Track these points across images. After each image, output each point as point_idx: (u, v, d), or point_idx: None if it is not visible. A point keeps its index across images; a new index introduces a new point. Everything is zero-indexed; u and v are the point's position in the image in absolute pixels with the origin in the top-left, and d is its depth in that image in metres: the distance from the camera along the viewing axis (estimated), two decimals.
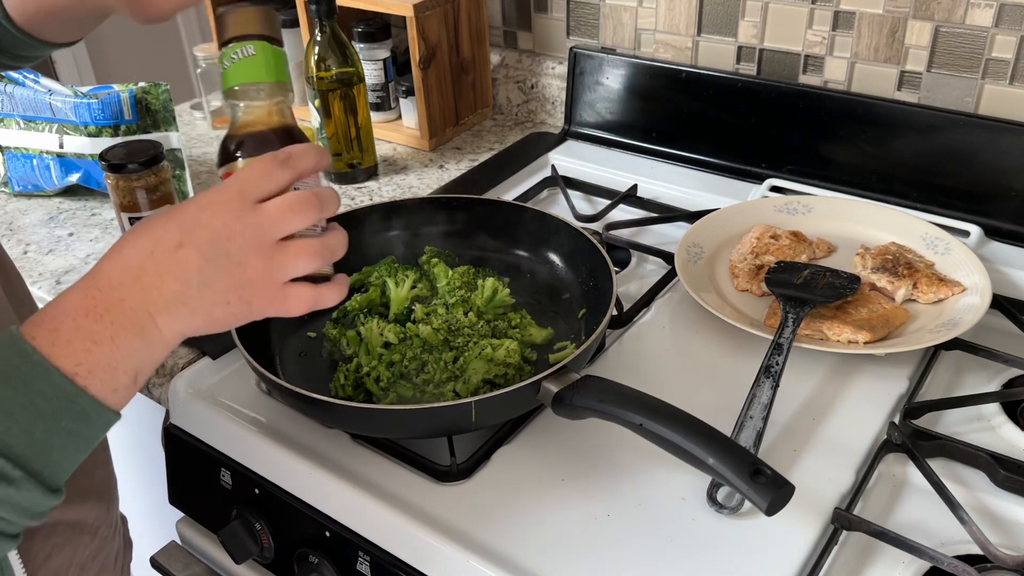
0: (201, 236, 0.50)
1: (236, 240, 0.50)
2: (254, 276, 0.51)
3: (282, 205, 0.52)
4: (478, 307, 0.83)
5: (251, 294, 0.52)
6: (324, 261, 0.54)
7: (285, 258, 0.52)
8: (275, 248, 0.52)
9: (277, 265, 0.52)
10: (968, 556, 0.62)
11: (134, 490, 1.16)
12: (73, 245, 1.10)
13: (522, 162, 1.22)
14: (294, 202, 0.52)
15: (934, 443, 0.71)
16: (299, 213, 0.52)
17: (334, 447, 0.74)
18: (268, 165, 0.53)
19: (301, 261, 0.53)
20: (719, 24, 1.16)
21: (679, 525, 0.66)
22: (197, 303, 0.50)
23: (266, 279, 0.52)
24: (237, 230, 0.51)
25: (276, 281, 0.52)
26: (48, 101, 1.13)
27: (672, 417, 0.61)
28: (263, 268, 0.51)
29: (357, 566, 0.71)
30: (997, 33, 0.98)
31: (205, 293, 0.50)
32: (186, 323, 0.51)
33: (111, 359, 0.49)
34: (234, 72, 0.60)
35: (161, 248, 0.50)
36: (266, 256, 0.51)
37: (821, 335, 0.82)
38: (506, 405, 0.70)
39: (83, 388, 0.48)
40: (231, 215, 0.51)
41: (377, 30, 1.27)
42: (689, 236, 0.96)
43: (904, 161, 1.03)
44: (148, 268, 0.50)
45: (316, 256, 0.54)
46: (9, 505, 0.46)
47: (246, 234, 0.51)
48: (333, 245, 0.55)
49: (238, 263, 0.51)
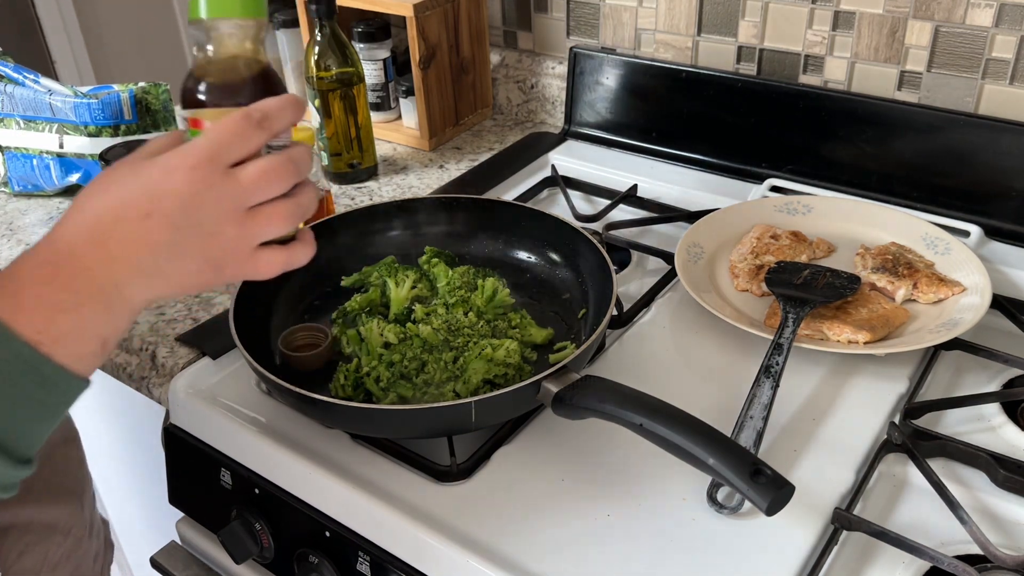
0: (170, 205, 0.48)
1: (207, 209, 0.48)
2: (225, 244, 0.50)
3: (256, 173, 0.50)
4: (478, 307, 0.83)
5: (222, 262, 0.51)
6: (297, 223, 0.53)
7: (256, 225, 0.51)
8: (247, 215, 0.50)
9: (248, 232, 0.51)
10: (968, 556, 0.62)
11: (134, 490, 1.16)
12: None
13: (522, 162, 1.22)
14: (268, 169, 0.50)
15: (934, 443, 0.71)
16: (274, 181, 0.51)
17: (334, 447, 0.74)
18: (241, 126, 0.50)
19: (273, 226, 0.52)
20: (719, 24, 1.16)
21: (679, 525, 0.66)
22: (167, 273, 0.49)
23: (237, 247, 0.51)
24: (209, 199, 0.48)
25: (247, 248, 0.51)
26: (48, 101, 1.13)
27: (672, 417, 0.61)
28: (234, 236, 0.50)
29: (357, 566, 0.71)
30: (997, 33, 0.98)
31: (174, 263, 0.49)
32: (155, 292, 0.50)
33: (76, 327, 0.47)
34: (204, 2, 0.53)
35: (128, 216, 0.48)
36: (238, 224, 0.50)
37: (821, 335, 0.82)
38: (506, 405, 0.70)
39: (47, 355, 0.46)
40: (202, 183, 0.48)
41: (377, 30, 1.27)
42: (689, 236, 0.96)
43: (904, 161, 1.03)
44: (114, 236, 0.48)
45: (289, 219, 0.52)
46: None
47: (218, 203, 0.49)
48: (305, 204, 0.54)
49: (209, 232, 0.49)
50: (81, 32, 2.76)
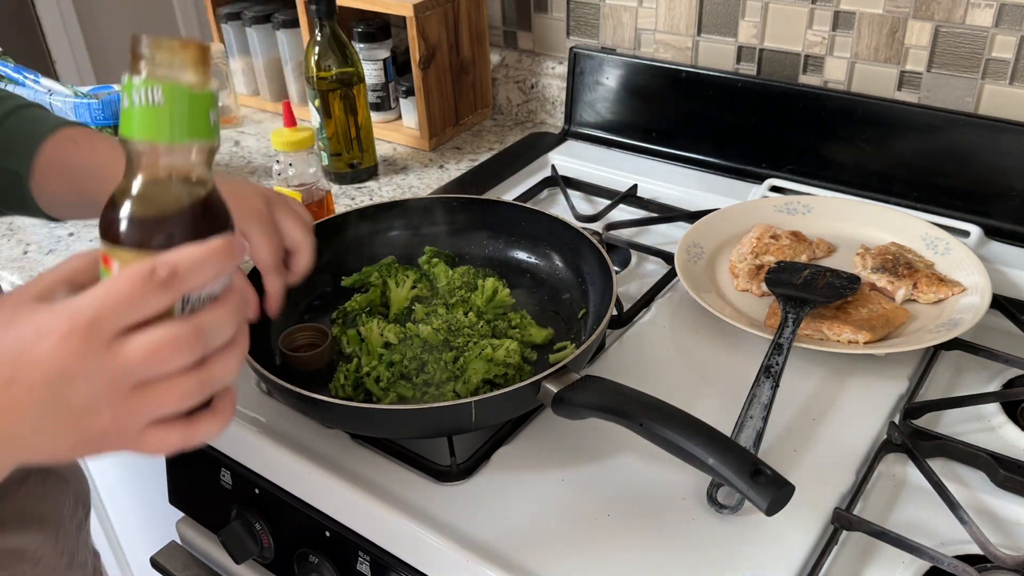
0: (34, 376, 0.40)
1: (78, 386, 0.40)
2: (102, 425, 0.42)
3: (145, 348, 0.41)
4: (478, 307, 0.83)
5: (99, 439, 0.42)
6: (196, 403, 0.44)
7: (143, 406, 0.42)
8: (131, 393, 0.41)
9: (132, 413, 0.42)
10: (968, 556, 0.62)
11: (134, 490, 1.16)
12: (73, 245, 1.10)
13: (522, 162, 1.22)
14: (162, 345, 0.41)
15: (934, 443, 0.71)
16: (167, 359, 0.41)
17: (334, 447, 0.74)
18: (138, 287, 0.41)
19: (164, 408, 0.43)
20: (719, 24, 1.16)
21: (679, 525, 0.66)
22: (31, 443, 0.42)
23: (117, 427, 0.42)
24: (80, 375, 0.40)
25: (131, 427, 0.42)
26: (48, 101, 1.13)
27: (672, 417, 0.61)
28: (113, 418, 0.41)
29: (357, 566, 0.71)
30: (997, 33, 0.98)
31: (40, 435, 0.41)
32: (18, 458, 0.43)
33: None
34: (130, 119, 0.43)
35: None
36: (118, 404, 0.41)
37: (821, 335, 0.82)
38: (506, 405, 0.70)
39: None
40: (73, 356, 0.40)
41: (377, 30, 1.27)
42: (689, 236, 0.96)
43: (904, 161, 1.03)
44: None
45: (184, 401, 0.43)
46: None
47: (92, 380, 0.40)
48: (214, 379, 0.44)
49: (81, 411, 0.41)
50: (81, 32, 2.76)
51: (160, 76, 0.42)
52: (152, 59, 0.42)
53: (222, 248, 0.43)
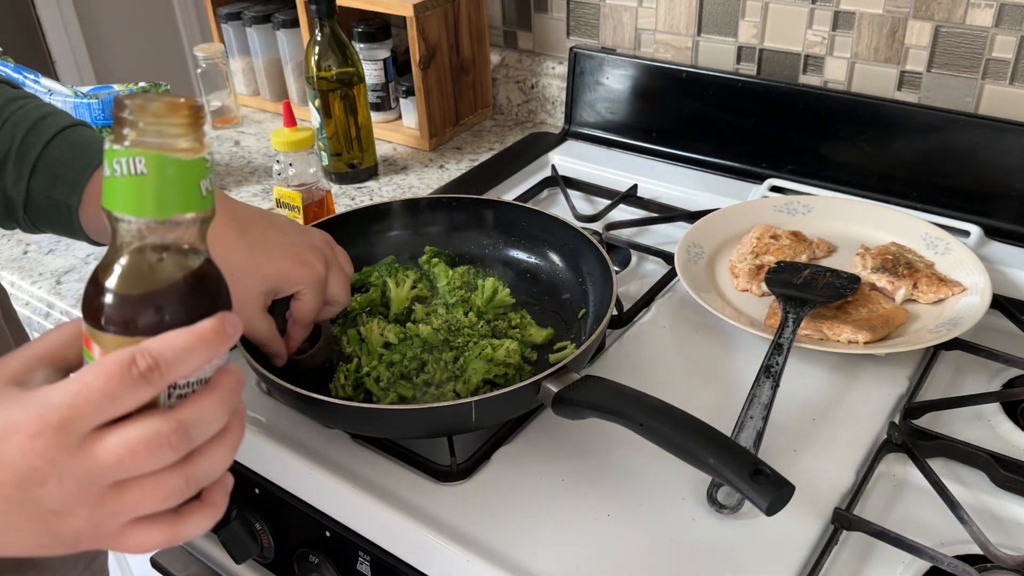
0: (3, 476, 0.37)
1: (50, 487, 0.38)
2: (77, 526, 0.39)
3: (120, 448, 0.38)
4: (478, 307, 0.83)
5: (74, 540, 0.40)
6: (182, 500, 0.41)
7: (122, 505, 0.39)
8: (108, 492, 0.39)
9: (109, 514, 0.39)
10: (968, 556, 0.62)
11: None
12: (73, 245, 1.10)
13: (522, 162, 1.22)
14: (139, 444, 0.38)
15: (934, 443, 0.71)
16: (144, 460, 0.38)
17: (334, 447, 0.74)
18: (114, 382, 0.38)
19: (144, 507, 0.40)
20: (719, 24, 1.16)
21: (679, 525, 0.66)
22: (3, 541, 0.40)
23: (95, 528, 0.39)
24: (51, 475, 0.38)
25: (111, 526, 0.40)
26: (48, 101, 1.13)
27: (672, 417, 0.61)
28: (88, 518, 0.39)
29: (357, 566, 0.71)
30: (997, 33, 0.98)
31: (12, 535, 0.39)
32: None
33: None
34: (113, 190, 0.39)
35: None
36: (94, 504, 0.39)
37: (821, 335, 0.82)
38: (506, 405, 0.70)
39: None
40: (41, 457, 0.37)
41: (377, 30, 1.27)
42: (689, 236, 0.96)
43: (904, 161, 1.03)
44: None
45: (167, 500, 0.40)
46: None
47: (64, 481, 0.38)
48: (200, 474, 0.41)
49: (54, 511, 0.38)
50: (81, 32, 2.76)
51: (145, 144, 0.38)
52: (135, 124, 0.38)
53: (212, 333, 0.39)
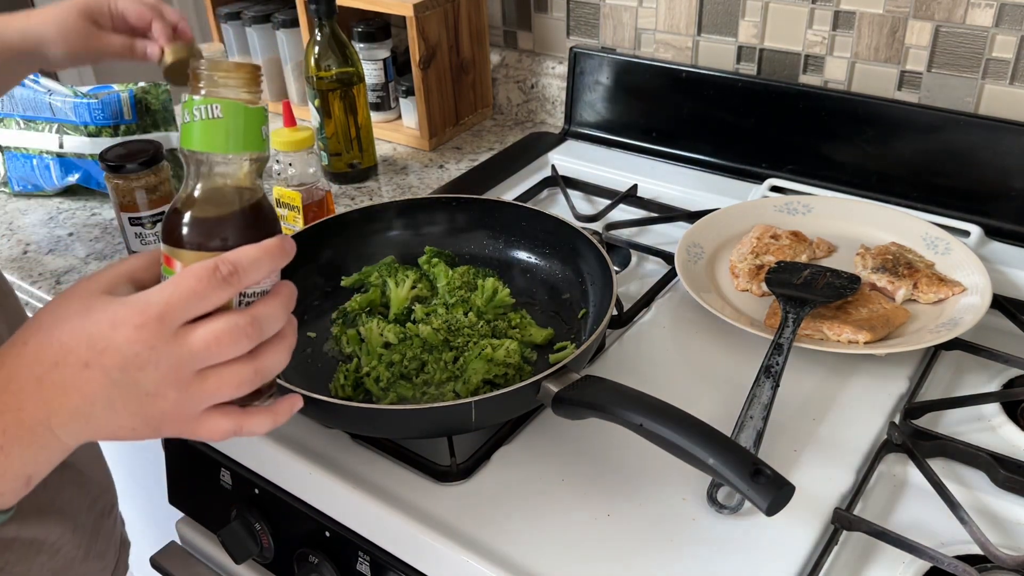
0: (110, 360, 0.45)
1: (148, 371, 0.45)
2: (165, 407, 0.46)
3: (207, 336, 0.46)
4: (478, 307, 0.83)
5: (159, 422, 0.47)
6: (251, 389, 0.49)
7: (203, 391, 0.47)
8: (193, 378, 0.46)
9: (193, 397, 0.47)
10: (968, 556, 0.62)
11: (134, 490, 1.16)
12: (73, 245, 1.10)
13: (522, 162, 1.22)
14: (222, 333, 0.46)
15: (934, 443, 0.71)
16: (227, 346, 0.46)
17: (334, 447, 0.74)
18: (203, 283, 0.45)
19: (223, 392, 0.47)
20: (719, 24, 1.16)
21: (679, 525, 0.66)
22: (100, 422, 0.46)
23: (179, 410, 0.47)
24: (151, 360, 0.45)
25: (191, 411, 0.47)
26: (48, 101, 1.13)
27: (672, 417, 0.61)
28: (176, 400, 0.46)
29: (357, 566, 0.71)
30: (997, 33, 0.98)
31: (109, 415, 0.46)
32: (87, 435, 0.47)
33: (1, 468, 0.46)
34: (191, 132, 0.48)
35: (68, 362, 0.45)
36: (181, 388, 0.46)
37: (821, 335, 0.82)
38: (506, 405, 0.70)
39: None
40: (145, 344, 0.45)
41: (377, 30, 1.27)
42: (689, 236, 0.96)
43: (904, 161, 1.03)
44: (52, 379, 0.45)
45: (241, 386, 0.48)
46: None
47: (160, 365, 0.45)
48: (266, 368, 0.48)
49: (148, 393, 0.46)
50: None
51: (218, 94, 0.48)
52: (210, 79, 0.48)
53: (276, 248, 0.48)
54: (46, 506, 0.72)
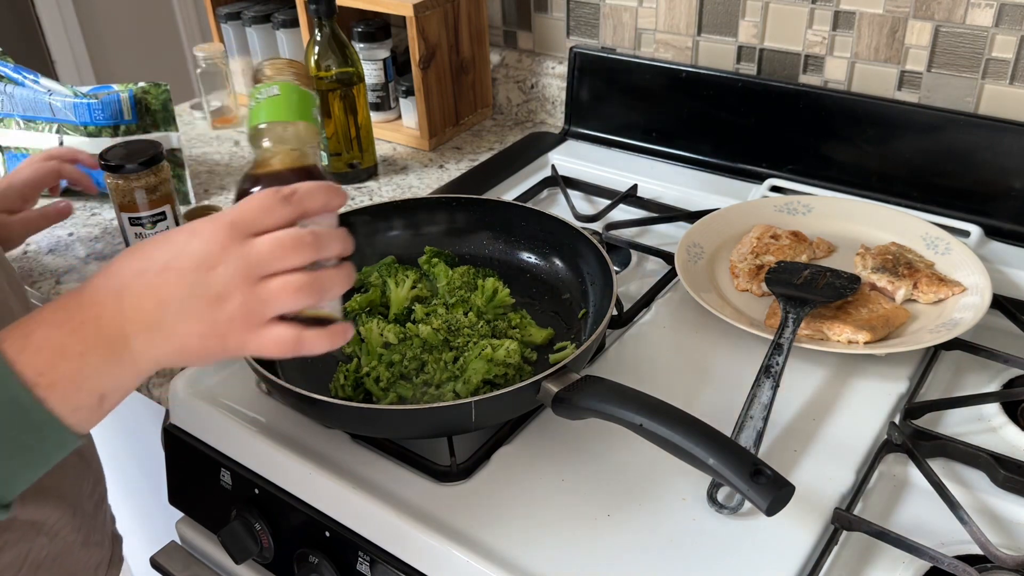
0: (185, 262, 0.49)
1: (219, 270, 0.49)
2: (232, 310, 0.49)
3: (272, 240, 0.50)
4: (478, 307, 0.83)
5: (226, 328, 0.50)
6: (311, 299, 0.51)
7: (267, 293, 0.50)
8: (258, 283, 0.49)
9: (258, 300, 0.50)
10: (968, 556, 0.62)
11: (134, 490, 1.16)
12: (73, 245, 1.10)
13: (522, 162, 1.22)
14: (286, 239, 0.50)
15: (934, 443, 0.71)
16: (291, 251, 0.50)
17: (334, 447, 0.74)
18: (268, 200, 0.51)
19: (285, 297, 0.50)
20: (719, 24, 1.16)
21: (679, 525, 0.66)
22: (172, 329, 0.49)
23: (244, 314, 0.49)
24: (222, 260, 0.49)
25: (255, 318, 0.50)
26: (48, 101, 1.13)
27: (672, 417, 0.61)
28: (242, 302, 0.49)
29: (357, 566, 0.71)
30: (997, 33, 0.98)
31: (181, 321, 0.49)
32: (159, 349, 0.50)
33: (77, 375, 0.47)
34: (257, 111, 0.62)
35: (148, 269, 0.49)
36: (247, 290, 0.49)
37: (821, 335, 0.82)
38: (506, 405, 0.70)
39: (41, 400, 0.46)
40: (219, 244, 0.49)
41: (377, 30, 1.27)
42: (689, 236, 0.96)
43: (904, 161, 1.03)
44: (131, 288, 0.49)
45: (301, 292, 0.50)
46: None
47: (229, 265, 0.49)
48: (325, 282, 0.52)
49: (218, 294, 0.49)
50: (81, 32, 2.76)
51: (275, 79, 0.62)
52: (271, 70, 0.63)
53: (329, 186, 0.54)
54: (46, 488, 0.73)
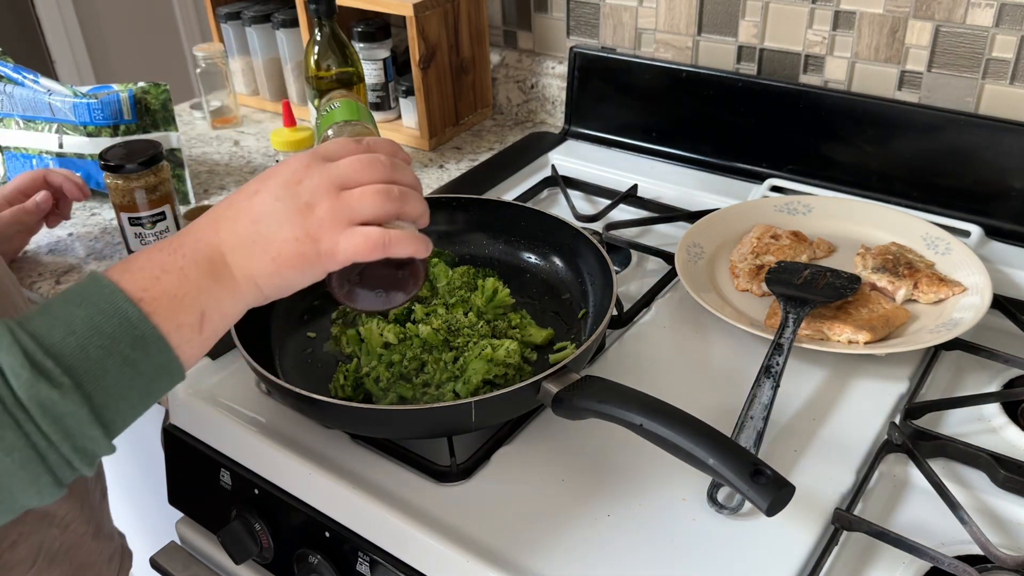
0: (273, 182, 0.55)
1: (305, 183, 0.54)
2: (321, 214, 0.54)
3: (352, 160, 0.57)
4: (478, 307, 0.83)
5: (317, 230, 0.54)
6: (391, 205, 0.56)
7: (351, 199, 0.55)
8: (341, 192, 0.55)
9: (343, 204, 0.55)
10: (968, 556, 0.62)
11: (134, 490, 1.16)
12: (73, 245, 1.10)
13: (522, 162, 1.22)
14: (359, 157, 0.57)
15: (934, 443, 0.71)
16: (365, 166, 0.56)
17: (334, 447, 0.74)
18: (343, 141, 0.58)
19: (367, 199, 0.55)
20: (719, 24, 1.16)
21: (679, 525, 0.66)
22: (267, 241, 0.53)
23: (332, 216, 0.54)
24: (306, 175, 0.55)
25: (343, 219, 0.54)
26: (48, 101, 1.13)
27: (672, 417, 0.61)
28: (329, 207, 0.54)
29: (357, 566, 0.71)
30: (997, 33, 0.98)
31: (274, 230, 0.53)
32: (256, 262, 0.53)
33: (178, 290, 0.50)
34: (331, 117, 0.82)
35: (237, 200, 0.55)
36: (332, 197, 0.54)
37: (822, 335, 0.82)
38: (506, 405, 0.70)
39: (147, 315, 0.48)
40: (302, 165, 0.55)
41: (377, 30, 1.27)
42: (689, 236, 0.96)
43: (904, 161, 1.03)
44: (224, 215, 0.54)
45: (381, 196, 0.56)
46: (52, 416, 0.44)
47: (314, 178, 0.55)
48: (403, 192, 0.57)
49: (306, 202, 0.54)
50: (81, 32, 2.76)
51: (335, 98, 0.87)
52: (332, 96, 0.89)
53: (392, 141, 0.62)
54: None
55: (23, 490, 0.45)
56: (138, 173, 0.98)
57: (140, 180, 0.98)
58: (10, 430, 0.44)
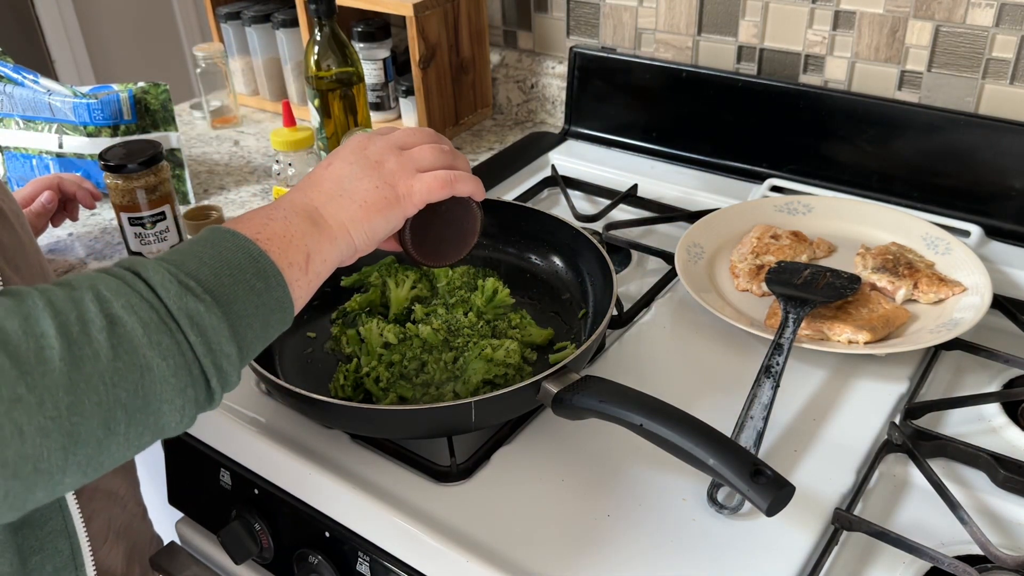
0: (344, 152, 0.64)
1: (370, 147, 0.64)
2: (391, 166, 0.63)
3: (401, 131, 0.67)
4: (478, 307, 0.83)
5: (391, 178, 0.63)
6: (445, 157, 0.66)
7: (413, 153, 0.65)
8: (402, 152, 0.64)
9: (407, 157, 0.64)
10: (968, 556, 0.62)
11: None
12: (73, 245, 1.10)
13: (522, 162, 1.22)
14: (409, 129, 0.67)
15: (935, 443, 0.71)
16: (415, 133, 0.67)
17: (334, 447, 0.74)
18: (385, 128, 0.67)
19: (425, 152, 0.65)
20: (719, 24, 1.16)
21: (679, 525, 0.66)
22: (352, 192, 0.61)
23: (401, 167, 0.63)
24: (371, 142, 0.64)
25: (410, 168, 0.64)
26: (47, 101, 1.13)
27: (672, 417, 0.61)
28: (396, 160, 0.64)
29: (357, 566, 0.71)
30: (997, 33, 0.98)
31: (356, 184, 0.61)
32: (346, 210, 0.60)
33: (285, 232, 0.56)
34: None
35: (317, 171, 0.63)
36: (396, 155, 0.64)
37: (822, 335, 0.82)
38: (506, 405, 0.70)
39: (264, 251, 0.53)
40: (364, 137, 0.65)
41: (377, 30, 1.27)
42: (689, 236, 0.96)
43: (904, 161, 1.03)
44: (308, 183, 0.62)
45: (434, 152, 0.65)
46: (198, 327, 0.48)
47: (378, 144, 0.64)
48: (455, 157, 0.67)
49: (376, 160, 0.63)
50: (81, 32, 2.76)
51: None
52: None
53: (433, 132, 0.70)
54: None
55: (170, 401, 0.47)
56: (138, 173, 0.98)
57: (140, 180, 0.98)
58: (166, 335, 0.47)
